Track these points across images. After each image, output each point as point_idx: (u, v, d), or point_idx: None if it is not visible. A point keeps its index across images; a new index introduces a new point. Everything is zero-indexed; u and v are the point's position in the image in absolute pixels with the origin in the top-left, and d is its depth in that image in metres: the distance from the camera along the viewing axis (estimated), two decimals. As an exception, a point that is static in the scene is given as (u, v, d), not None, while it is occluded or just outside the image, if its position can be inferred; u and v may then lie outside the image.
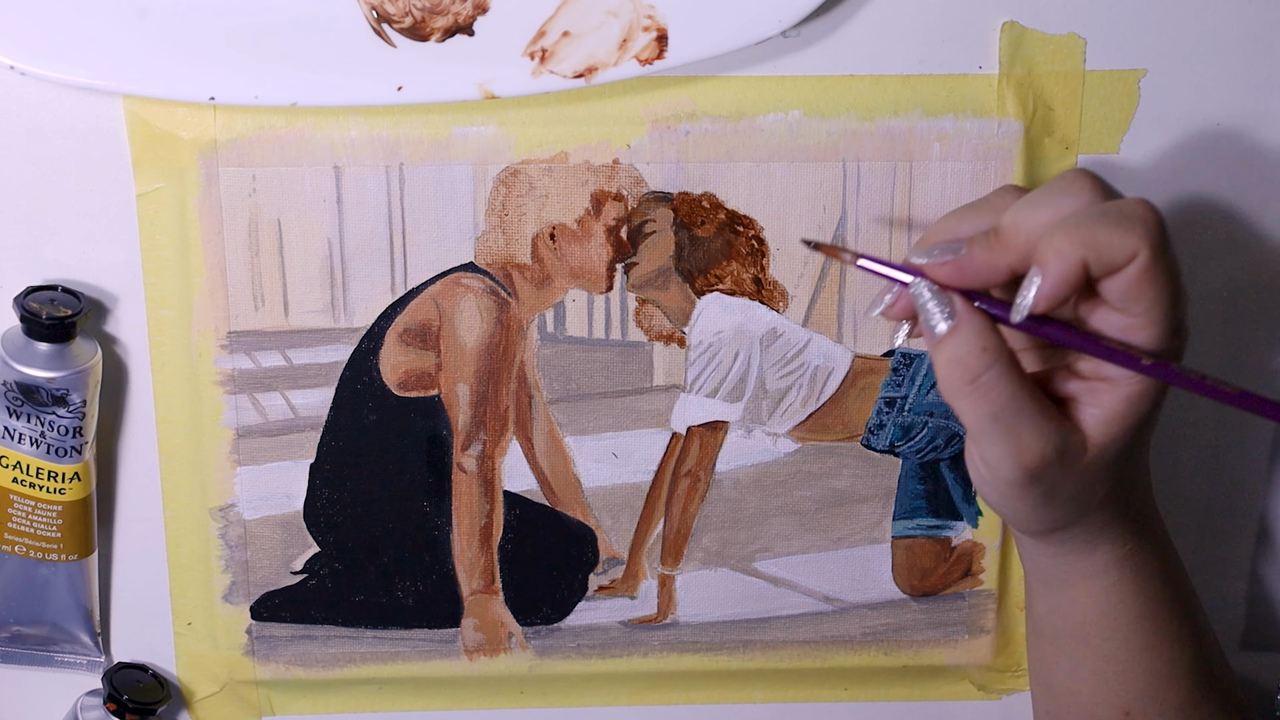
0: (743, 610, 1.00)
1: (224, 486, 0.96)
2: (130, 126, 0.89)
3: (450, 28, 0.87)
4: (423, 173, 0.91)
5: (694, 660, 1.01)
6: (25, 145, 0.90)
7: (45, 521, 0.94)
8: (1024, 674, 1.03)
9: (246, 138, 0.90)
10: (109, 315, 0.94)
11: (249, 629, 0.98)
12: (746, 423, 0.97)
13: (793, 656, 1.01)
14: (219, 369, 0.94)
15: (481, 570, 0.98)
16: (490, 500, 0.97)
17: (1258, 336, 0.97)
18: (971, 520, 0.99)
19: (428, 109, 0.90)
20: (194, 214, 0.91)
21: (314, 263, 0.92)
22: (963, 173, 0.92)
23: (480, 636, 0.99)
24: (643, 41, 0.87)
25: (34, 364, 0.91)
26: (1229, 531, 1.01)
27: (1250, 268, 0.96)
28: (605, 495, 0.98)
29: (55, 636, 0.98)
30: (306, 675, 1.00)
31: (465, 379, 0.95)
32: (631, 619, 1.00)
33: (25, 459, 0.92)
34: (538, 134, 0.91)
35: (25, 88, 0.89)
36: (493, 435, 0.96)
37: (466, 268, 0.93)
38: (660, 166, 0.92)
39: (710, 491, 0.98)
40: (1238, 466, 1.00)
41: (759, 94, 0.91)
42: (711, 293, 0.94)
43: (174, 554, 0.97)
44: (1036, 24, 0.91)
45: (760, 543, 0.99)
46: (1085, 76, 0.91)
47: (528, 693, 1.02)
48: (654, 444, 0.97)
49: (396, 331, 0.94)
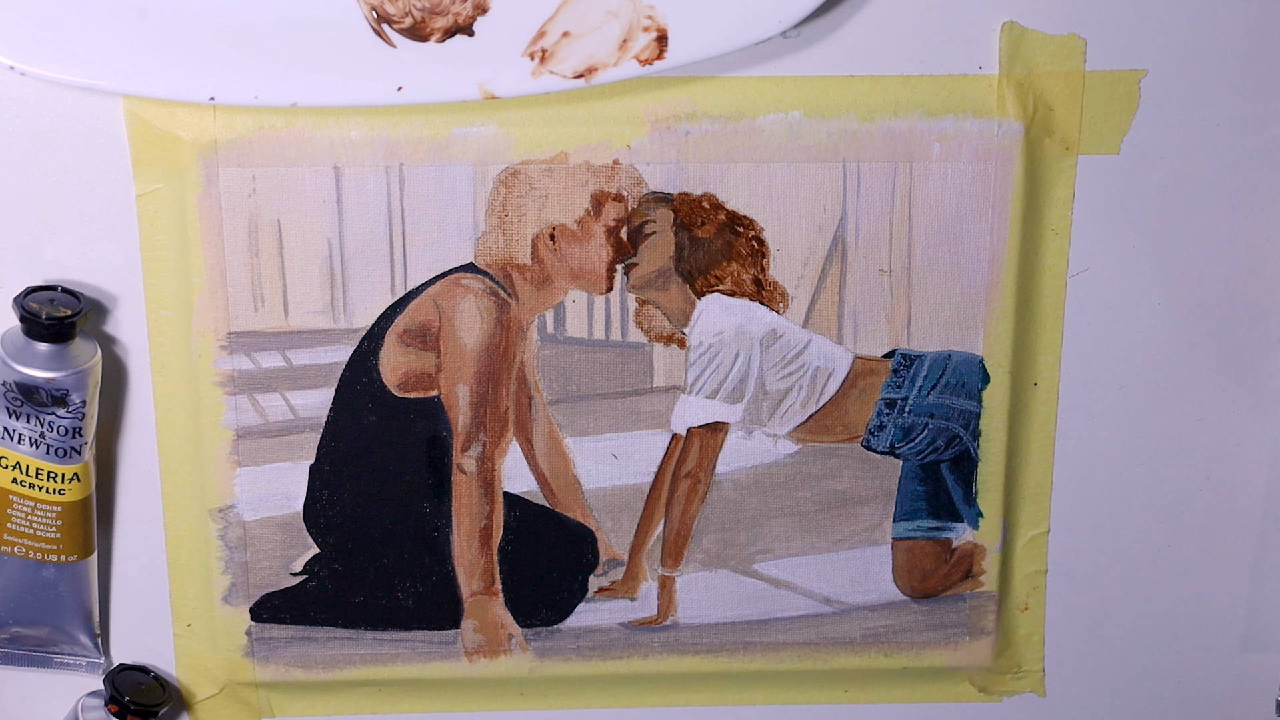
0: (743, 612, 1.00)
1: (224, 487, 0.96)
2: (130, 126, 0.89)
3: (450, 28, 0.87)
4: (423, 173, 0.91)
5: (694, 662, 1.00)
6: (25, 145, 0.90)
7: (45, 522, 0.94)
8: (1025, 676, 1.03)
9: (246, 138, 0.90)
10: (109, 315, 0.94)
11: (249, 630, 0.98)
12: (747, 424, 0.97)
13: (793, 658, 1.01)
14: (219, 369, 0.94)
15: (481, 571, 0.98)
16: (490, 501, 0.97)
17: (1258, 336, 0.97)
18: (972, 522, 0.99)
19: (428, 109, 0.90)
20: (194, 214, 0.91)
21: (314, 263, 0.92)
22: (963, 173, 0.92)
23: (480, 638, 0.99)
24: (643, 42, 0.87)
25: (34, 364, 0.91)
26: (1229, 531, 1.01)
27: (1250, 268, 0.96)
28: (605, 496, 0.98)
29: (55, 637, 0.98)
30: (306, 677, 1.00)
31: (465, 380, 0.95)
32: (632, 620, 0.99)
33: (25, 459, 0.92)
34: (538, 134, 0.91)
35: (25, 88, 0.89)
36: (493, 436, 0.96)
37: (466, 268, 0.93)
38: (660, 167, 0.92)
39: (710, 493, 0.98)
40: (1238, 466, 1.00)
41: (759, 94, 0.91)
42: (712, 293, 0.94)
43: (174, 555, 0.97)
44: (1036, 24, 0.91)
45: (760, 544, 0.99)
46: (1085, 76, 0.91)
47: (527, 694, 1.02)
48: (654, 445, 0.97)
49: (396, 332, 0.94)
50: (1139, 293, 0.96)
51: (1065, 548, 1.01)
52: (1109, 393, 0.98)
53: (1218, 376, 0.98)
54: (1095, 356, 0.97)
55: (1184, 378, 0.98)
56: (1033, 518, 0.99)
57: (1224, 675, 1.04)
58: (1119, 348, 0.97)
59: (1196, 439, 0.99)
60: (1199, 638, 1.03)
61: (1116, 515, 1.01)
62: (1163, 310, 0.97)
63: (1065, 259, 0.95)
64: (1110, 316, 0.97)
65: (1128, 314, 0.97)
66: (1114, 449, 0.99)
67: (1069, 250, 0.95)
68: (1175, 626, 1.03)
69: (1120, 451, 0.99)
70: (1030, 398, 0.97)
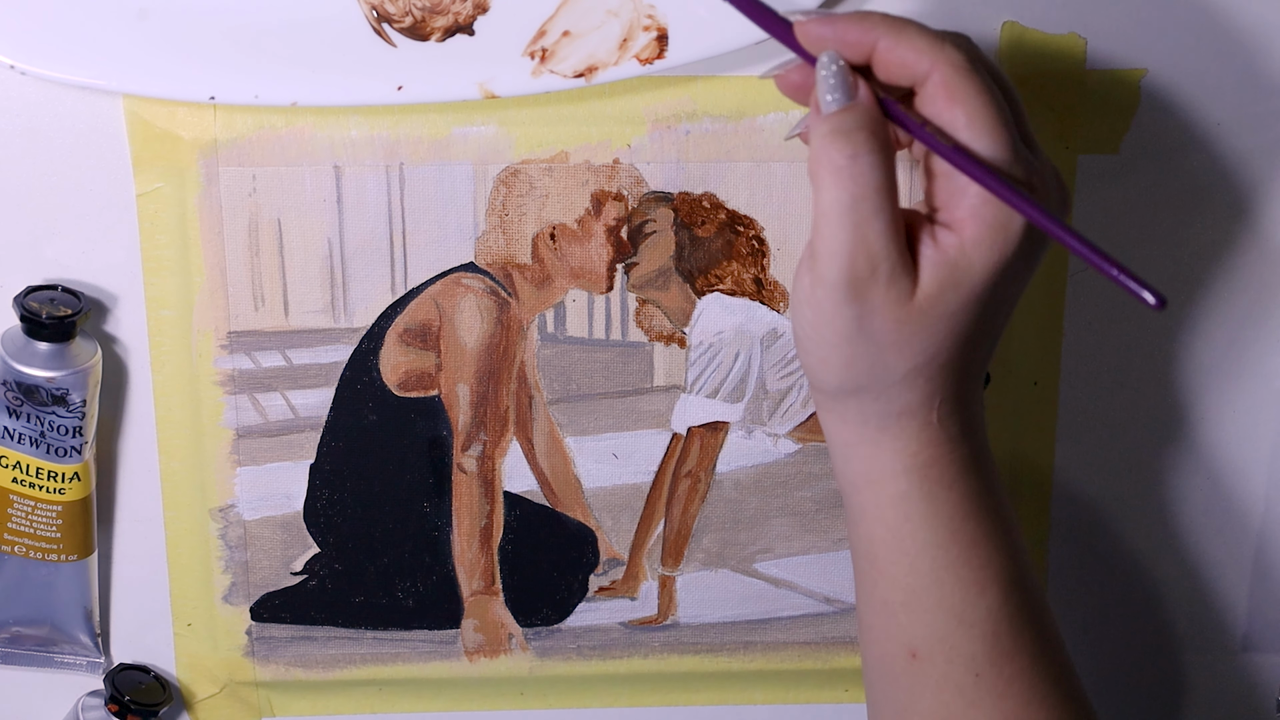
0: (743, 611, 1.00)
1: (224, 487, 0.96)
2: (130, 126, 0.89)
3: (450, 27, 0.87)
4: (423, 173, 0.91)
5: (694, 661, 1.01)
6: (25, 145, 0.90)
7: (45, 521, 0.94)
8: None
9: (246, 137, 0.90)
10: (109, 315, 0.94)
11: (249, 630, 0.98)
12: (747, 423, 0.97)
13: (793, 658, 1.01)
14: (219, 369, 0.94)
15: (482, 571, 0.98)
16: (490, 501, 0.97)
17: (1258, 336, 0.97)
18: (972, 521, 0.99)
19: (428, 109, 0.90)
20: (194, 214, 0.91)
21: (314, 263, 0.92)
22: (963, 173, 0.92)
23: (480, 638, 0.99)
24: (643, 41, 0.87)
25: (34, 364, 0.91)
26: (1229, 531, 1.01)
27: (1250, 267, 0.96)
28: (605, 496, 0.98)
29: (55, 637, 0.98)
30: (306, 676, 1.00)
31: (465, 379, 0.95)
32: (632, 620, 1.00)
33: (25, 459, 0.92)
34: (538, 134, 0.91)
35: (25, 88, 0.89)
36: (493, 436, 0.96)
37: (467, 268, 0.93)
38: (660, 166, 0.92)
39: (711, 492, 0.98)
40: (1238, 466, 1.00)
41: (759, 94, 0.91)
42: (712, 293, 0.94)
43: (174, 554, 0.97)
44: (1036, 24, 0.91)
45: (761, 544, 0.99)
46: (1085, 76, 0.91)
47: (528, 694, 1.02)
48: (654, 444, 0.97)
49: (396, 332, 0.94)
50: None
51: (1065, 547, 1.01)
52: (1109, 393, 0.98)
53: (1218, 376, 0.98)
54: (1095, 356, 0.97)
55: (1184, 378, 0.98)
56: (1032, 517, 0.99)
57: (1224, 675, 1.04)
58: (1119, 348, 0.97)
59: (1196, 439, 0.99)
60: (1199, 638, 1.03)
61: (1116, 515, 1.01)
62: (1163, 310, 0.97)
63: (1065, 258, 0.95)
64: (1110, 316, 0.97)
65: (1128, 314, 0.97)
66: (1114, 449, 0.99)
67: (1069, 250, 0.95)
68: (1175, 626, 1.03)
69: (1120, 451, 0.99)
70: (1030, 397, 0.97)
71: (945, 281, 0.75)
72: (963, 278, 0.75)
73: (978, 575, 0.78)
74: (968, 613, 0.78)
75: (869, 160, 0.73)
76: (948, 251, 0.75)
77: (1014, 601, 0.79)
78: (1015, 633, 0.79)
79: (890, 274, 0.74)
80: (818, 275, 0.75)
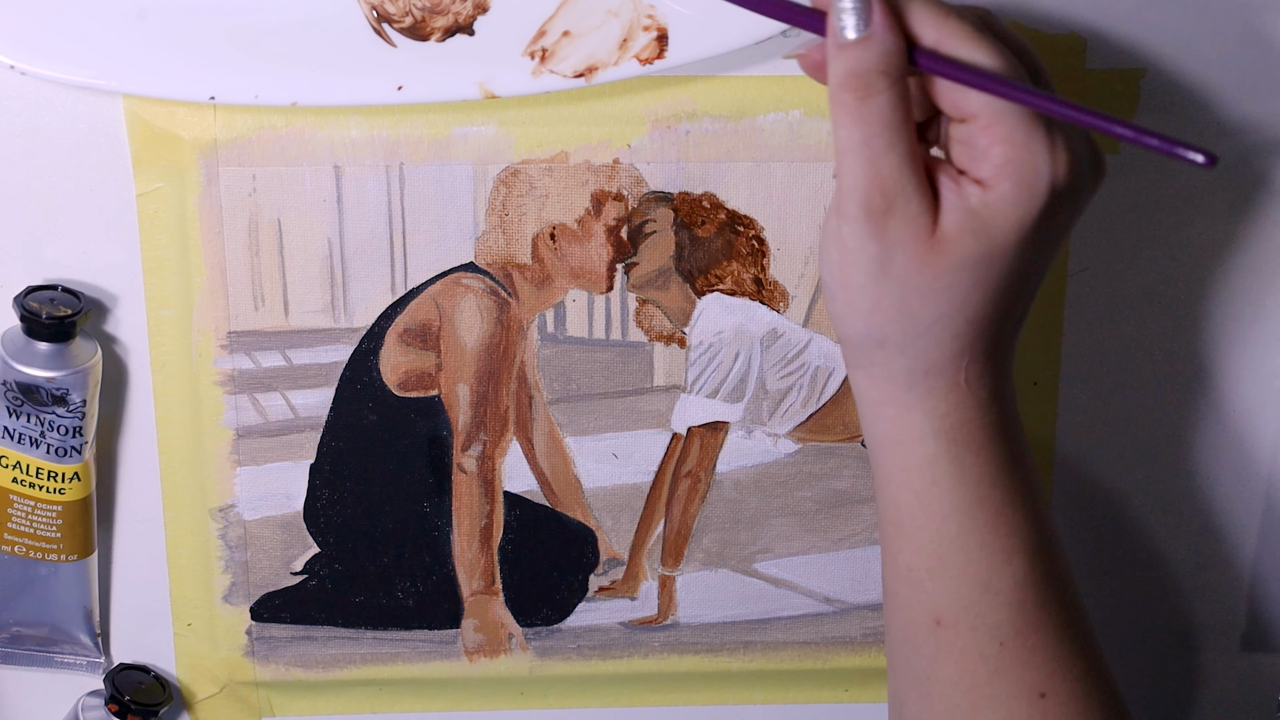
0: (743, 611, 1.00)
1: (224, 487, 0.96)
2: (130, 126, 0.89)
3: (450, 27, 0.87)
4: (423, 173, 0.91)
5: (694, 661, 1.01)
6: (25, 145, 0.90)
7: (45, 521, 0.94)
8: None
9: (246, 137, 0.90)
10: (109, 315, 0.94)
11: (249, 630, 0.98)
12: (747, 423, 0.97)
13: (793, 658, 1.01)
14: (219, 369, 0.94)
15: (482, 571, 0.98)
16: (490, 501, 0.97)
17: (1258, 336, 0.97)
18: (972, 521, 0.99)
19: (428, 109, 0.90)
20: (194, 214, 0.91)
21: (314, 263, 0.92)
22: (963, 173, 0.92)
23: (480, 637, 0.99)
24: (643, 41, 0.87)
25: (34, 364, 0.91)
26: (1229, 531, 1.01)
27: (1250, 268, 0.96)
28: (605, 496, 0.98)
29: (55, 637, 0.98)
30: (306, 676, 1.00)
31: (465, 379, 0.95)
32: (632, 620, 1.00)
33: (25, 459, 0.92)
34: (538, 134, 0.91)
35: (25, 88, 0.89)
36: (493, 436, 0.96)
37: (467, 268, 0.93)
38: (660, 166, 0.92)
39: (711, 492, 0.98)
40: (1238, 466, 1.00)
41: (759, 94, 0.91)
42: (712, 293, 0.94)
43: (174, 554, 0.97)
44: (1036, 24, 0.91)
45: (761, 544, 0.99)
46: (1085, 76, 0.91)
47: (528, 694, 1.02)
48: (654, 444, 0.97)
49: (396, 331, 0.94)
50: (1139, 293, 0.96)
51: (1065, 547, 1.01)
52: (1109, 393, 0.98)
53: (1218, 376, 0.98)
54: (1095, 356, 0.97)
55: (1184, 377, 0.98)
56: (1033, 517, 0.99)
57: (1224, 675, 1.04)
58: (1119, 348, 0.97)
59: (1196, 439, 0.99)
60: (1199, 638, 1.03)
61: (1116, 515, 1.01)
62: (1163, 310, 0.97)
63: (1065, 258, 0.95)
64: (1110, 316, 0.97)
65: (1128, 314, 0.97)
66: (1114, 449, 0.99)
67: (1069, 249, 0.95)
68: (1175, 626, 1.03)
69: (1120, 452, 0.99)
70: (1030, 397, 0.97)
71: (965, 226, 0.74)
72: (984, 228, 0.74)
73: (1004, 543, 0.78)
74: (994, 580, 0.78)
75: (883, 99, 0.73)
76: (969, 199, 0.74)
77: (1040, 570, 0.79)
78: (1041, 602, 0.78)
79: (907, 208, 0.74)
80: (840, 211, 0.75)
